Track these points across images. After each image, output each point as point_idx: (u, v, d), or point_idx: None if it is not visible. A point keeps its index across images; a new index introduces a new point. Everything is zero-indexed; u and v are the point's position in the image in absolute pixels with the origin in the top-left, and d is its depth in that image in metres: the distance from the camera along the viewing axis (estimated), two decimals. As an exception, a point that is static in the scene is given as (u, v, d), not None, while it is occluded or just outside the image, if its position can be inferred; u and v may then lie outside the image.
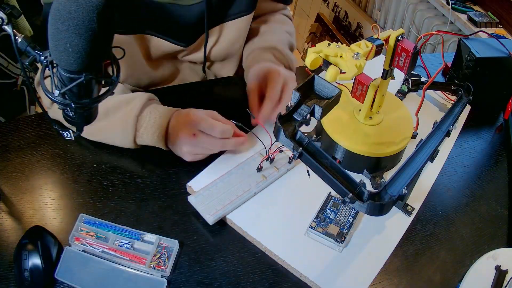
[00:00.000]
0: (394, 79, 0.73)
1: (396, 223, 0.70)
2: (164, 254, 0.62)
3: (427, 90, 0.93)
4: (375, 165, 0.75)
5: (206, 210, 0.67)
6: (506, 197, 0.78)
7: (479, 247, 0.69)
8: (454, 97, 0.93)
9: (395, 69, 0.67)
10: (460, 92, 0.85)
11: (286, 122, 0.56)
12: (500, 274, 0.62)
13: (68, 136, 0.53)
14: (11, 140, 0.77)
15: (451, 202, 0.75)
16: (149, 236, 0.64)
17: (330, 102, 0.57)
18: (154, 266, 0.61)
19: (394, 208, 0.71)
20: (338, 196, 0.69)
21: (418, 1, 1.91)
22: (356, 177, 0.74)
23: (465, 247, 0.69)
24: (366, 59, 0.59)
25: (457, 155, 0.85)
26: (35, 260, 0.58)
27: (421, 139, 0.64)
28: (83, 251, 0.62)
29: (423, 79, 0.93)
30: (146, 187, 0.72)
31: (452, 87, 0.89)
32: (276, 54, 0.88)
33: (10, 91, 1.32)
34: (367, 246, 0.66)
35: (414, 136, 0.81)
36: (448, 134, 0.68)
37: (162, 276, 0.61)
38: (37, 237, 0.61)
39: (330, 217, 0.68)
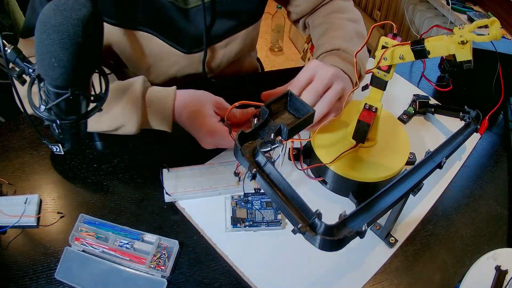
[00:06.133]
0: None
1: (376, 254, 0.66)
2: (164, 254, 0.62)
3: (435, 114, 0.89)
4: (363, 190, 0.71)
5: (169, 187, 0.68)
6: (506, 197, 0.78)
7: (479, 247, 0.69)
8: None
9: (401, 88, 0.64)
10: (467, 120, 0.80)
11: (250, 140, 0.52)
12: (500, 274, 0.62)
13: (58, 150, 0.50)
14: (11, 140, 0.77)
15: (451, 202, 0.75)
16: (149, 236, 0.64)
17: (300, 122, 0.53)
18: (154, 266, 0.61)
19: (376, 238, 0.68)
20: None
21: (418, 1, 1.91)
22: (342, 200, 0.72)
23: (465, 247, 0.69)
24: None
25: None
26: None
27: (405, 169, 0.59)
28: (83, 251, 0.62)
29: (431, 101, 0.89)
30: (146, 187, 0.72)
31: (460, 114, 0.83)
32: (342, 55, 0.77)
33: (10, 91, 1.31)
34: (341, 279, 0.63)
35: (412, 162, 0.77)
36: (440, 166, 0.62)
37: (162, 276, 0.61)
38: None
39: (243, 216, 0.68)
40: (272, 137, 0.52)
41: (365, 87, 0.65)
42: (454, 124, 0.87)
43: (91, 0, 0.41)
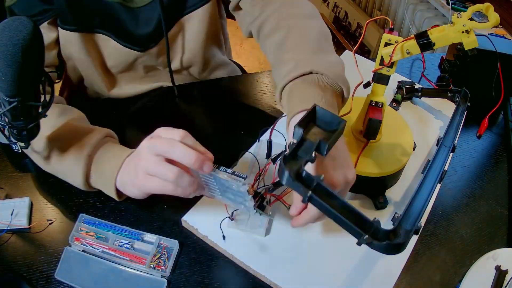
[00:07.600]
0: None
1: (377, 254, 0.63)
2: (164, 254, 0.62)
3: (422, 98, 0.91)
4: (377, 184, 0.71)
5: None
6: (506, 197, 0.78)
7: (479, 247, 0.69)
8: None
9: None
10: (457, 99, 0.83)
11: (290, 161, 0.50)
12: (500, 274, 0.62)
13: (16, 148, 0.56)
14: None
15: (451, 202, 0.75)
16: (149, 236, 0.64)
17: (335, 135, 0.52)
18: (154, 266, 0.61)
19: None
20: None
21: (418, 1, 1.91)
22: (357, 197, 0.72)
23: (465, 247, 0.69)
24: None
25: (457, 155, 0.84)
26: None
27: (428, 160, 0.60)
28: (83, 251, 0.62)
29: (417, 86, 0.90)
30: (146, 187, 0.72)
31: (449, 94, 0.86)
32: (318, 81, 0.63)
33: None
34: (375, 266, 0.64)
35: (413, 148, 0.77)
36: (453, 149, 0.64)
37: (162, 276, 0.61)
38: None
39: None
40: (313, 155, 0.51)
41: (366, 85, 0.66)
42: (440, 104, 0.90)
43: (32, 20, 0.46)
